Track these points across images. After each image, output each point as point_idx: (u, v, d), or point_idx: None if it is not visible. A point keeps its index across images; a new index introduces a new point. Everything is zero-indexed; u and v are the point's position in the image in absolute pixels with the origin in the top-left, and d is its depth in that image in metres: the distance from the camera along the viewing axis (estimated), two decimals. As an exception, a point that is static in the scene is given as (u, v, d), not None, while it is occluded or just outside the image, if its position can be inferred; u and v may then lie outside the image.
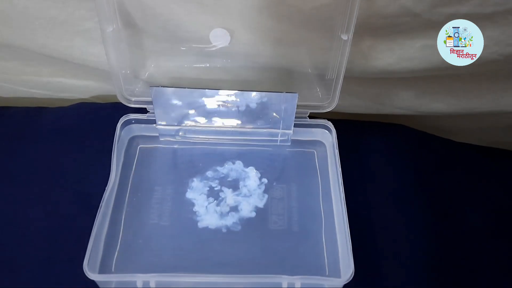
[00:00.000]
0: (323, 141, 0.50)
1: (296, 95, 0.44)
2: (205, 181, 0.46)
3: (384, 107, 0.53)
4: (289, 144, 0.49)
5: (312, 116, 0.49)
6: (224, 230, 0.43)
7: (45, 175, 0.47)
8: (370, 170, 0.49)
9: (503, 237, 0.46)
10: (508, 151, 0.55)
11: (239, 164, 0.48)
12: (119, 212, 0.43)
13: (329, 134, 0.49)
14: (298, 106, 0.45)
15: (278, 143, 0.49)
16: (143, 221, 0.43)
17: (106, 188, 0.42)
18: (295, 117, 0.47)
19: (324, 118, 0.48)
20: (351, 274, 0.37)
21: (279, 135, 0.49)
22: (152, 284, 0.38)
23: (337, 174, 0.44)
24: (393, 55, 0.44)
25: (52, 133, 0.51)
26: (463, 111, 0.51)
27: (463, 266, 0.43)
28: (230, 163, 0.48)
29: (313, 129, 0.49)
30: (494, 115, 0.52)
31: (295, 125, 0.47)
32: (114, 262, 0.41)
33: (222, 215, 0.44)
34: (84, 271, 0.37)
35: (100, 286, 0.39)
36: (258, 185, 0.46)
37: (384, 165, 0.50)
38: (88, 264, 0.37)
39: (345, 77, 0.44)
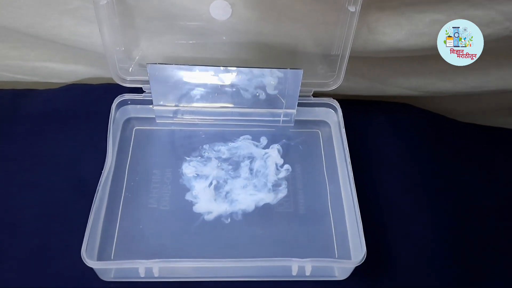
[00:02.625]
0: (328, 121, 0.48)
1: (301, 71, 0.42)
2: (205, 162, 0.44)
3: (389, 88, 0.51)
4: (293, 124, 0.47)
5: (315, 95, 0.47)
6: (227, 214, 0.41)
7: (37, 161, 0.44)
8: (376, 150, 0.48)
9: (507, 203, 0.45)
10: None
11: (250, 142, 0.46)
12: (116, 197, 0.41)
13: (334, 113, 0.47)
14: (302, 84, 0.43)
15: (281, 124, 0.47)
16: (141, 206, 0.41)
17: (102, 172, 0.40)
18: (299, 96, 0.45)
19: (328, 97, 0.47)
20: (363, 256, 0.36)
21: (282, 115, 0.47)
22: (155, 271, 0.36)
23: (344, 154, 0.43)
24: (402, 30, 0.42)
25: (43, 116, 0.48)
26: (470, 90, 0.49)
27: (475, 244, 0.42)
28: (239, 140, 0.46)
29: (317, 108, 0.47)
30: (501, 94, 0.51)
31: (299, 104, 0.46)
32: (113, 249, 0.39)
33: (224, 199, 0.42)
34: (82, 258, 0.35)
35: (99, 273, 0.37)
36: (276, 173, 0.44)
37: (391, 144, 0.48)
38: (86, 250, 0.35)
39: (350, 55, 0.42)
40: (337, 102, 0.46)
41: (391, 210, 0.43)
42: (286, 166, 0.44)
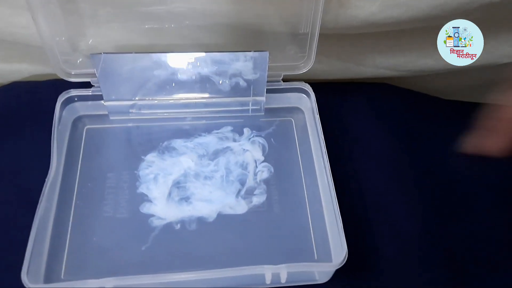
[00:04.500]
0: (301, 107, 0.44)
1: (267, 53, 0.38)
2: (166, 162, 0.39)
3: (366, 69, 0.47)
4: (263, 113, 0.43)
5: (286, 79, 0.43)
6: (191, 220, 0.36)
7: (-25, 170, 0.39)
8: (355, 135, 0.43)
9: (498, 192, 0.42)
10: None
11: (219, 136, 0.41)
12: (66, 207, 0.37)
13: (307, 98, 0.43)
14: (269, 68, 0.39)
15: (250, 113, 0.43)
16: (95, 215, 0.36)
17: (46, 179, 0.35)
18: (267, 81, 0.40)
19: (300, 80, 0.42)
20: (344, 257, 0.32)
21: (250, 104, 0.42)
22: (110, 290, 0.31)
23: (320, 143, 0.38)
24: (376, 2, 0.38)
25: (-19, 119, 0.43)
26: (453, 66, 0.45)
27: (466, 239, 0.38)
28: (205, 135, 0.41)
29: (289, 94, 0.43)
30: (486, 69, 0.47)
31: (268, 91, 0.41)
32: (63, 267, 0.34)
33: (188, 203, 0.37)
34: (23, 282, 0.30)
35: (45, 298, 0.32)
36: (254, 173, 0.39)
37: (370, 129, 0.44)
38: (28, 272, 0.31)
39: (320, 34, 0.38)
40: (309, 86, 0.42)
41: (374, 203, 0.39)
42: (266, 164, 0.40)
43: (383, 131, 0.44)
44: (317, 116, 0.40)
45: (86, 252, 0.35)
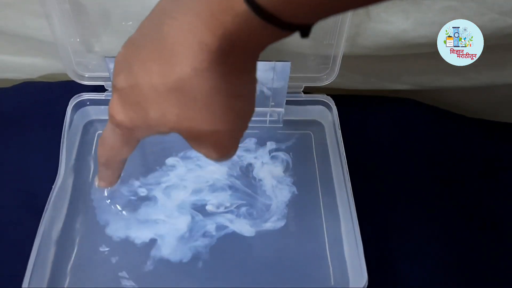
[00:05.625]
0: (321, 121, 0.42)
1: (289, 63, 0.36)
2: (179, 171, 0.38)
3: (390, 84, 0.45)
4: (281, 125, 0.41)
5: (306, 91, 0.41)
6: (202, 235, 0.34)
7: (-18, 172, 0.38)
8: (378, 153, 0.42)
9: None
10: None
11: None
12: (73, 215, 0.35)
13: (328, 112, 0.41)
14: (290, 78, 0.37)
15: (268, 124, 0.41)
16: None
17: (53, 186, 0.34)
18: (287, 92, 0.39)
19: (321, 93, 0.41)
20: (365, 285, 0.30)
21: (268, 115, 0.41)
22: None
23: (340, 159, 0.37)
24: (408, 19, 0.36)
25: (-10, 119, 0.41)
26: (482, 84, 0.43)
27: (492, 263, 0.37)
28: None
29: (309, 107, 0.41)
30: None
31: (288, 102, 0.40)
32: (67, 279, 0.32)
33: (201, 216, 0.35)
34: (24, 293, 0.29)
35: (47, 311, 0.31)
36: (274, 194, 0.37)
37: (394, 147, 0.42)
38: (29, 283, 0.29)
39: (348, 53, 0.37)
40: (331, 99, 0.40)
41: (396, 224, 0.37)
42: (287, 182, 0.38)
43: (406, 150, 0.42)
44: (339, 131, 0.38)
45: (93, 264, 0.33)
